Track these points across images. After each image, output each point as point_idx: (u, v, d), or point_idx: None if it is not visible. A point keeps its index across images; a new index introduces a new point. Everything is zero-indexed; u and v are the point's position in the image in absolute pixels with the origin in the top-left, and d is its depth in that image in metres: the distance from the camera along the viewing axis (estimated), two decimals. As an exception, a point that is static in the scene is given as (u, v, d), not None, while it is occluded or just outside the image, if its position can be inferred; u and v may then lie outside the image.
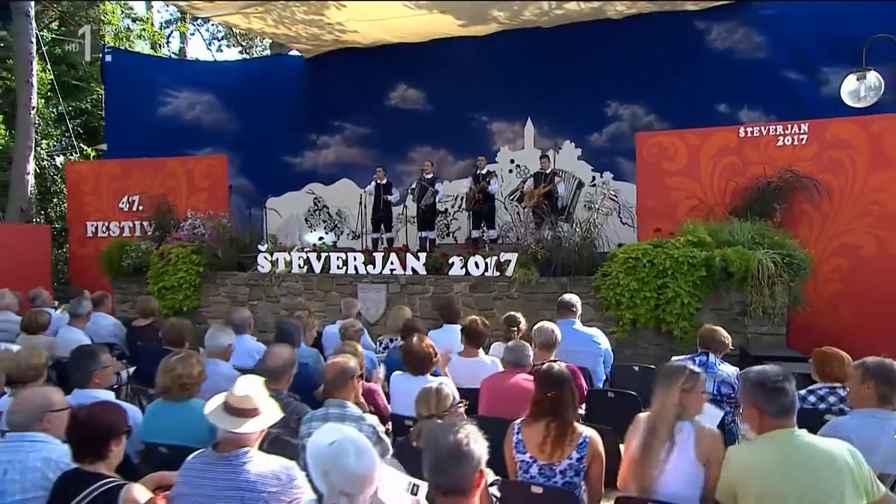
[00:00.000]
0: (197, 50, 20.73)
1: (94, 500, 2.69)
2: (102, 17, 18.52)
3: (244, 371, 5.04)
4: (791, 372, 2.91)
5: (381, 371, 5.26)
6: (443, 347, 4.80)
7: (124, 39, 18.50)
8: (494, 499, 3.09)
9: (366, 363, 4.80)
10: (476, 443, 2.17)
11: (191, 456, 2.85)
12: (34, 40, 13.90)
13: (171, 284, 9.86)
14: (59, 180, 15.80)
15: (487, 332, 5.10)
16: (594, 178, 11.84)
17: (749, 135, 9.14)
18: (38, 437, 3.07)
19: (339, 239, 13.12)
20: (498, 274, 8.49)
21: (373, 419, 3.48)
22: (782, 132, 8.99)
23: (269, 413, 2.83)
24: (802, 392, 4.21)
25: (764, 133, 9.08)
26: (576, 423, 3.21)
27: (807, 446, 2.68)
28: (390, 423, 4.39)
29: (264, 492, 2.64)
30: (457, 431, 2.16)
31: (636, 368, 5.98)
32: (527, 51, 12.43)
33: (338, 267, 9.32)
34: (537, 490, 3.03)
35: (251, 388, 2.79)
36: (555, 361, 4.43)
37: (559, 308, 5.73)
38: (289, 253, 9.72)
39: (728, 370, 4.67)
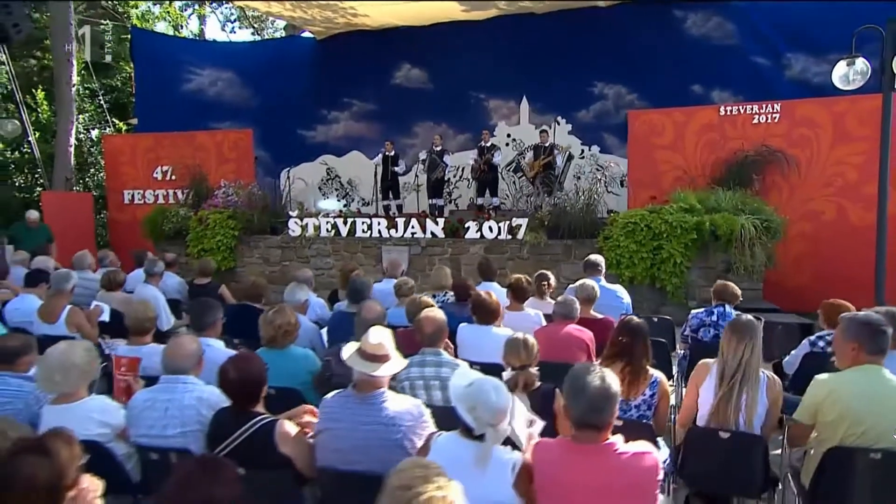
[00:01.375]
0: (213, 31, 20.28)
1: (253, 434, 2.81)
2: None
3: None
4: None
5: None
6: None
7: (148, 21, 18.07)
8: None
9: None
10: (616, 384, 2.33)
11: (329, 396, 2.96)
12: (73, 22, 13.54)
13: (209, 247, 9.92)
14: (95, 152, 15.55)
15: (531, 288, 5.22)
16: (583, 150, 11.95)
17: (728, 113, 9.35)
18: (189, 379, 3.16)
19: (349, 206, 13.07)
20: (510, 237, 8.64)
21: (465, 364, 3.59)
22: (757, 111, 9.22)
23: (397, 359, 2.94)
24: (812, 338, 4.42)
25: (741, 112, 9.30)
26: (648, 367, 3.37)
27: (889, 381, 2.90)
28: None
29: (402, 426, 2.77)
30: (602, 377, 2.30)
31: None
32: (522, 35, 12.38)
33: (363, 231, 9.40)
34: (617, 423, 3.19)
35: (383, 337, 2.89)
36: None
37: (586, 267, 5.85)
38: (317, 218, 9.75)
39: (734, 312, 4.85)
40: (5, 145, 12.90)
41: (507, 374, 3.36)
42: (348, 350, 2.94)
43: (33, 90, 14.81)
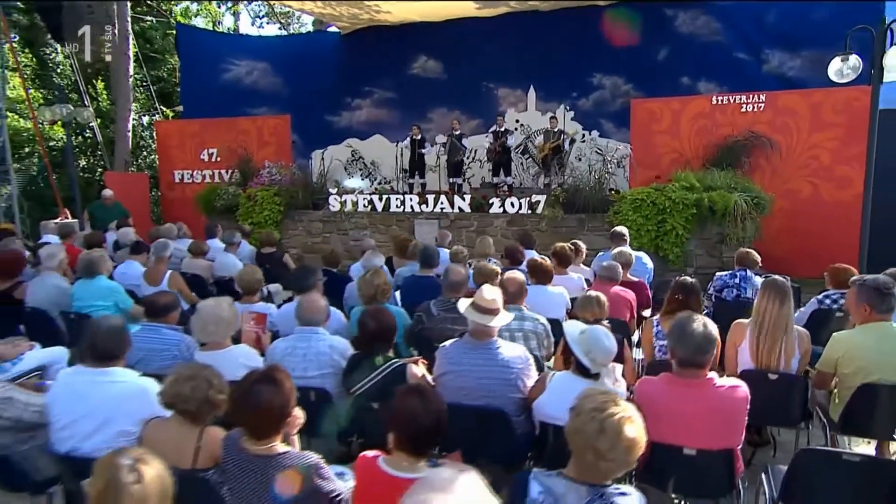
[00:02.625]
0: (244, 26, 20.06)
1: (389, 374, 3.00)
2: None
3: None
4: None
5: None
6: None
7: (188, 17, 17.87)
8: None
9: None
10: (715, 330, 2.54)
11: (447, 344, 3.14)
12: (129, 18, 13.38)
13: (258, 220, 10.00)
14: (146, 136, 15.47)
15: (573, 255, 5.40)
16: (584, 135, 12.01)
17: (719, 102, 9.45)
18: (320, 330, 3.35)
19: (372, 184, 13.13)
20: (530, 212, 8.77)
21: (543, 318, 3.78)
22: (745, 101, 9.33)
23: (505, 313, 3.12)
24: (820, 297, 4.63)
25: (731, 101, 9.38)
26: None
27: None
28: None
29: (515, 368, 2.96)
30: (704, 324, 2.51)
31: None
32: (529, 30, 12.31)
33: (396, 206, 9.50)
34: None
35: (494, 293, 3.07)
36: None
37: (613, 237, 6.04)
38: (355, 194, 9.85)
39: (759, 280, 5.06)
40: (71, 131, 12.78)
41: (583, 326, 3.57)
42: (463, 304, 3.12)
43: (93, 81, 14.66)
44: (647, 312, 5.04)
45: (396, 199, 9.55)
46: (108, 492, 1.52)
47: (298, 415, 2.26)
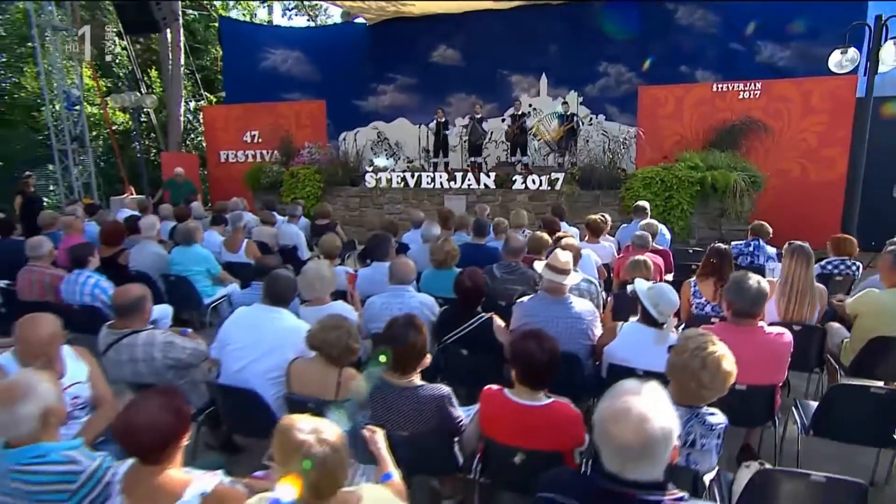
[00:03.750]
0: (276, 18, 19.85)
1: (478, 325, 3.22)
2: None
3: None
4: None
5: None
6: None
7: (226, 10, 17.74)
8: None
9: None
10: (766, 286, 2.75)
11: (525, 299, 3.35)
12: (179, 15, 13.33)
13: (300, 196, 10.08)
14: (193, 120, 15.47)
15: (605, 225, 5.58)
16: (591, 118, 12.08)
17: (719, 90, 9.51)
18: (408, 288, 3.55)
19: (397, 163, 13.21)
20: (549, 188, 8.90)
21: (594, 279, 3.99)
22: (742, 88, 9.40)
23: (574, 273, 3.32)
24: (823, 262, 4.84)
25: (730, 89, 9.45)
26: None
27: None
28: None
29: (585, 320, 3.18)
30: (758, 281, 2.72)
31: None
32: (541, 21, 12.27)
33: (427, 182, 9.63)
34: (715, 320, 3.63)
35: (567, 257, 3.27)
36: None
37: (636, 210, 6.19)
38: (389, 172, 9.96)
39: (771, 250, 5.27)
40: (130, 116, 12.86)
41: (630, 287, 3.77)
42: (540, 265, 3.33)
43: (147, 70, 14.65)
44: (669, 276, 5.23)
45: (427, 176, 9.67)
46: (296, 457, 1.50)
47: (428, 356, 2.48)
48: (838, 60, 6.30)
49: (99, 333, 3.06)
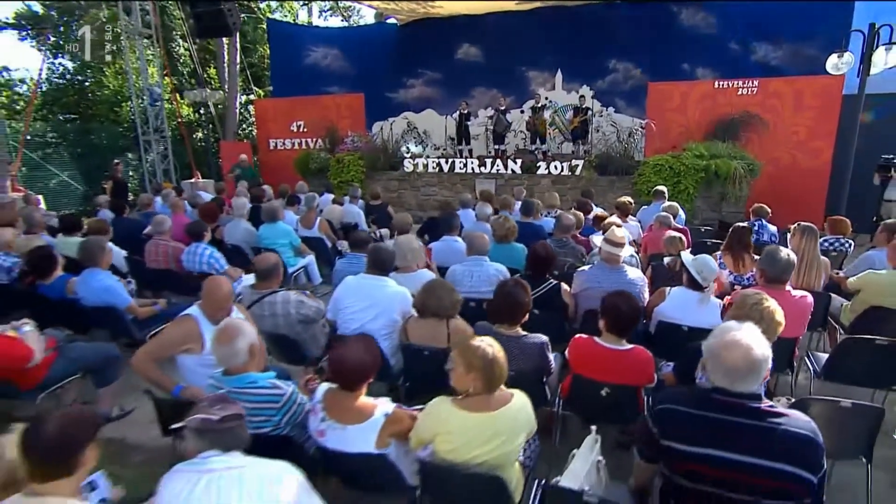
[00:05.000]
0: (314, 19, 19.81)
1: (548, 290, 3.53)
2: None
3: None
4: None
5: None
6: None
7: (269, 10, 17.79)
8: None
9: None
10: (794, 257, 3.04)
11: (585, 268, 3.66)
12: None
13: (345, 179, 10.36)
14: (244, 112, 15.66)
15: (632, 207, 5.85)
16: (601, 111, 12.22)
17: (721, 86, 9.64)
18: (485, 258, 3.85)
19: (425, 150, 13.38)
20: (570, 173, 9.15)
21: (635, 252, 4.28)
22: (741, 85, 9.53)
23: (628, 247, 3.63)
24: (820, 240, 5.11)
25: (730, 86, 9.57)
26: (752, 252, 4.02)
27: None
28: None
29: (637, 285, 3.47)
30: (788, 253, 3.01)
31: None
32: (557, 21, 12.29)
33: (460, 168, 9.87)
34: (738, 288, 3.93)
35: (622, 232, 3.56)
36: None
37: (655, 194, 6.46)
38: (426, 158, 10.20)
39: (772, 228, 5.54)
40: (192, 109, 13.08)
41: (667, 259, 4.09)
42: (598, 240, 3.64)
43: (206, 68, 14.82)
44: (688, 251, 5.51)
45: (459, 161, 9.90)
46: (476, 358, 1.95)
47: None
48: (835, 63, 6.48)
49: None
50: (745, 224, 4.22)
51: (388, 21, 14.29)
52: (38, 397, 3.22)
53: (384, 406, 2.11)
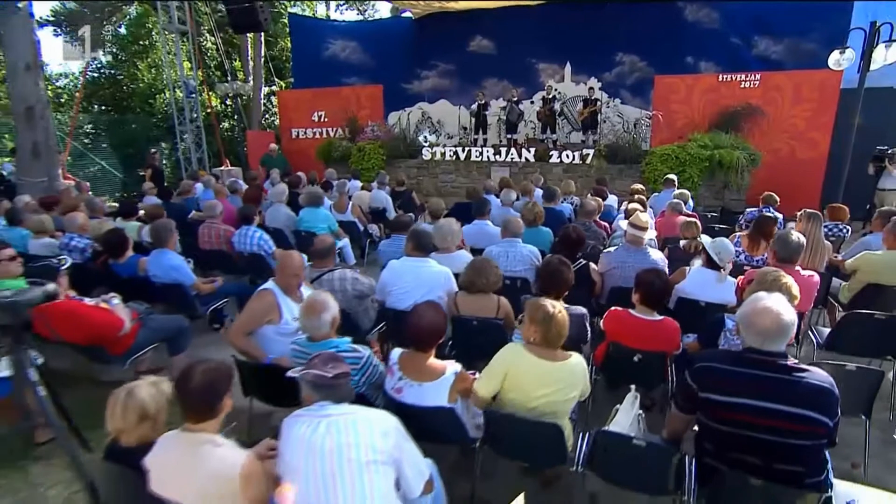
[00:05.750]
0: (332, 13, 19.74)
1: (580, 269, 3.73)
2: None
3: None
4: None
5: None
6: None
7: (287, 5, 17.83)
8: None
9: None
10: (804, 240, 3.24)
11: (611, 249, 3.86)
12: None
13: (366, 167, 10.51)
14: (266, 102, 15.76)
15: (645, 194, 6.03)
16: (608, 102, 12.27)
17: (724, 80, 9.74)
18: (519, 241, 4.05)
19: (438, 139, 13.49)
20: (581, 162, 9.29)
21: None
22: (744, 78, 9.63)
23: (651, 230, 3.82)
24: (820, 226, 5.29)
25: (733, 79, 9.68)
26: (768, 239, 4.20)
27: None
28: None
29: (659, 265, 3.66)
30: (798, 236, 3.21)
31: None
32: (566, 16, 12.25)
33: (476, 156, 10.00)
34: (748, 269, 4.13)
35: (646, 217, 3.76)
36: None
37: (665, 182, 6.62)
38: (443, 146, 10.33)
39: (779, 215, 5.70)
40: (220, 100, 13.21)
41: (683, 242, 4.29)
42: (624, 223, 3.84)
43: (231, 61, 14.91)
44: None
45: (476, 150, 10.04)
46: (540, 315, 2.23)
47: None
48: (837, 59, 6.58)
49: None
50: (771, 215, 4.39)
51: (404, 15, 14.31)
52: (126, 362, 3.48)
53: (453, 366, 2.34)
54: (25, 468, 2.95)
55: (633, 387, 2.43)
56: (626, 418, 2.26)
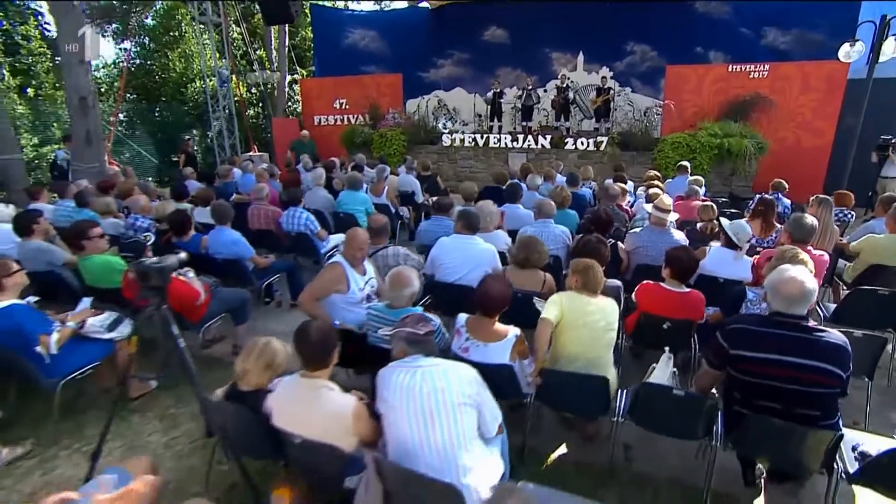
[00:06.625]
0: (348, 2, 19.61)
1: (612, 246, 3.98)
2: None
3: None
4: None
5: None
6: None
7: None
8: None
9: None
10: (816, 223, 3.48)
11: (637, 230, 4.11)
12: None
13: (388, 153, 10.70)
14: (290, 91, 15.90)
15: (662, 182, 6.24)
16: (619, 91, 12.36)
17: (734, 70, 9.82)
18: (551, 221, 4.29)
19: (454, 125, 13.62)
20: (595, 149, 9.47)
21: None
22: (753, 69, 9.70)
23: (674, 213, 4.06)
24: (827, 211, 5.51)
25: (743, 70, 9.75)
26: (774, 222, 4.46)
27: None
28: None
29: (681, 242, 3.93)
30: (813, 220, 3.44)
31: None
32: (579, 6, 12.28)
33: (494, 143, 10.17)
34: (760, 250, 4.37)
35: (669, 200, 4.00)
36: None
37: (679, 168, 6.82)
38: (462, 133, 10.50)
39: (787, 201, 5.92)
40: (245, 88, 13.39)
41: (700, 224, 4.53)
42: (649, 207, 4.08)
43: (255, 50, 15.03)
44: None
45: (494, 137, 10.21)
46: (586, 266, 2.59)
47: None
48: (847, 51, 6.70)
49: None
50: (767, 196, 4.62)
51: (421, 5, 14.35)
52: (200, 329, 3.79)
53: (514, 330, 2.63)
54: (127, 419, 3.29)
55: (666, 348, 2.70)
56: (662, 374, 2.54)
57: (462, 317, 2.69)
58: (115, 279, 3.73)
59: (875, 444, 2.37)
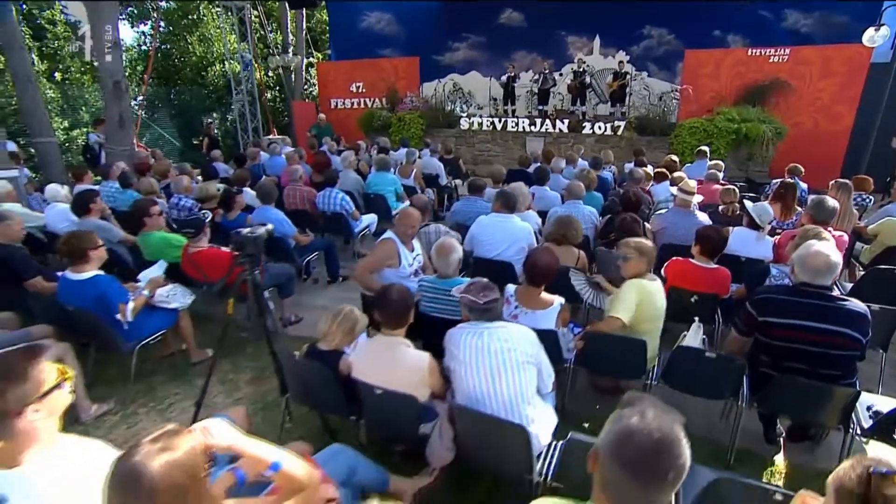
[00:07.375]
0: None
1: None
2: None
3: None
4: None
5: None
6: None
7: None
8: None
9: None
10: (837, 205, 3.71)
11: (662, 212, 4.35)
12: None
13: (407, 136, 10.88)
14: (306, 74, 16.01)
15: (677, 166, 6.44)
16: (635, 75, 12.40)
17: (753, 54, 9.92)
18: (580, 202, 4.52)
19: (469, 108, 13.75)
20: (612, 133, 9.63)
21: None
22: (773, 53, 9.80)
23: (698, 195, 4.30)
24: (846, 195, 5.71)
25: (762, 54, 9.86)
26: (795, 206, 4.68)
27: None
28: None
29: (703, 223, 4.16)
30: (834, 202, 3.67)
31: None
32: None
33: (512, 126, 10.33)
34: (780, 231, 4.60)
35: (694, 183, 4.24)
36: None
37: (698, 153, 7.00)
38: (480, 116, 10.66)
39: (804, 185, 6.12)
40: (263, 72, 13.55)
41: (721, 207, 4.76)
42: (673, 189, 4.32)
43: (271, 33, 15.13)
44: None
45: (511, 120, 10.36)
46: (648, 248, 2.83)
47: None
48: (871, 36, 6.79)
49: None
50: (789, 180, 4.83)
51: (436, -12, 14.36)
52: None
53: (559, 299, 2.90)
54: (191, 382, 3.60)
55: (696, 318, 2.98)
56: (693, 340, 2.82)
57: (511, 287, 2.97)
58: (172, 254, 4.01)
59: (888, 404, 2.64)
